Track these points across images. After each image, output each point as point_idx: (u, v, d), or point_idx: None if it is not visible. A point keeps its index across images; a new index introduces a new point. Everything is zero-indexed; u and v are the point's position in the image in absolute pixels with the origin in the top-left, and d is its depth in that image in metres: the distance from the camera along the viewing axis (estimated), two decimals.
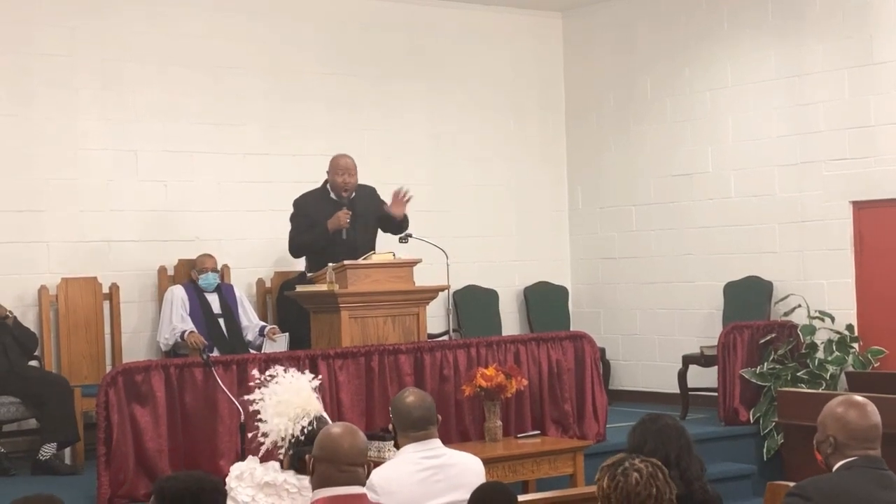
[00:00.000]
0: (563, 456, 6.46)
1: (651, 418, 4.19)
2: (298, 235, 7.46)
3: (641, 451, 3.91)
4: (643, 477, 3.45)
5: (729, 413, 8.00)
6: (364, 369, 6.52)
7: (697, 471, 4.11)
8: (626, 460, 3.53)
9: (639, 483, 3.44)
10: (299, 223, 7.48)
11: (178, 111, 8.35)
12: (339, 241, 7.35)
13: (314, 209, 7.43)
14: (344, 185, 7.44)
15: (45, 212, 7.84)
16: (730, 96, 9.00)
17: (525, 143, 9.96)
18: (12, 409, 7.04)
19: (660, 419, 4.16)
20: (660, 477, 3.49)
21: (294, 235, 7.50)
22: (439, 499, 4.38)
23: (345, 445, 3.56)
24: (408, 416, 4.50)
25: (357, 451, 3.58)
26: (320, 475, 3.55)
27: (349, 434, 3.61)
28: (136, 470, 5.91)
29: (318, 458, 3.57)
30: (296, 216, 7.52)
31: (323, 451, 3.57)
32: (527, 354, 7.13)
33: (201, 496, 3.42)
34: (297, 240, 7.47)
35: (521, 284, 9.83)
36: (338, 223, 7.34)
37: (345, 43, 9.07)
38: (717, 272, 9.00)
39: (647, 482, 3.45)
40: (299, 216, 7.48)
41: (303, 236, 7.43)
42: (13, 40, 7.76)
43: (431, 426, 4.52)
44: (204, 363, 6.08)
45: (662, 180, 9.46)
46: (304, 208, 7.47)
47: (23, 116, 7.79)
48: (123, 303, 8.00)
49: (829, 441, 3.55)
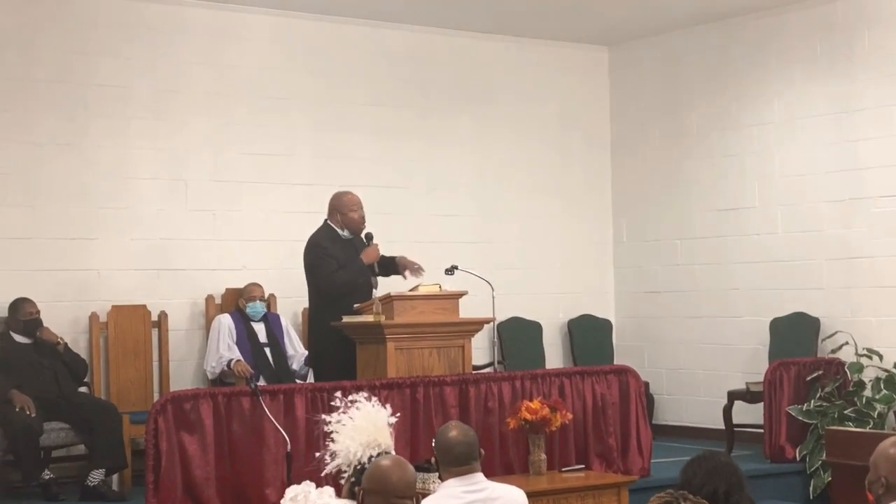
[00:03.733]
0: (607, 491, 6.45)
1: (706, 455, 4.17)
2: (334, 274, 7.13)
3: (690, 486, 3.90)
4: None
5: (775, 450, 7.94)
6: (409, 400, 6.54)
7: None
8: (672, 501, 3.51)
9: None
10: (328, 263, 7.15)
11: (228, 141, 8.46)
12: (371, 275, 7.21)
13: (335, 250, 7.20)
14: (361, 219, 7.27)
15: (96, 240, 7.95)
16: (778, 132, 8.98)
17: (570, 176, 9.99)
18: (62, 435, 7.10)
19: (714, 456, 4.15)
20: None
21: (329, 274, 7.14)
22: None
23: (394, 478, 3.58)
24: (450, 450, 4.51)
25: (406, 483, 3.60)
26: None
27: (399, 467, 3.63)
28: (184, 497, 5.94)
29: (368, 490, 3.59)
30: (323, 257, 7.19)
31: (372, 484, 3.59)
32: (571, 388, 7.12)
33: None
34: (335, 277, 7.12)
35: (564, 317, 9.83)
36: (374, 256, 7.20)
37: (392, 75, 9.16)
38: (763, 308, 8.96)
39: None
40: (327, 257, 7.18)
41: (342, 274, 7.12)
42: (68, 70, 7.90)
43: (474, 461, 4.53)
44: (252, 392, 6.13)
45: (708, 215, 9.44)
46: (328, 249, 7.20)
47: (77, 145, 7.92)
48: (171, 330, 8.08)
49: (881, 482, 3.53)
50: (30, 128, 7.71)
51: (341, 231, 7.30)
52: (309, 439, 6.11)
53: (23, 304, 7.26)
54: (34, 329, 7.26)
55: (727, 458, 4.17)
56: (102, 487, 6.95)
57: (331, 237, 7.29)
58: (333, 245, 7.25)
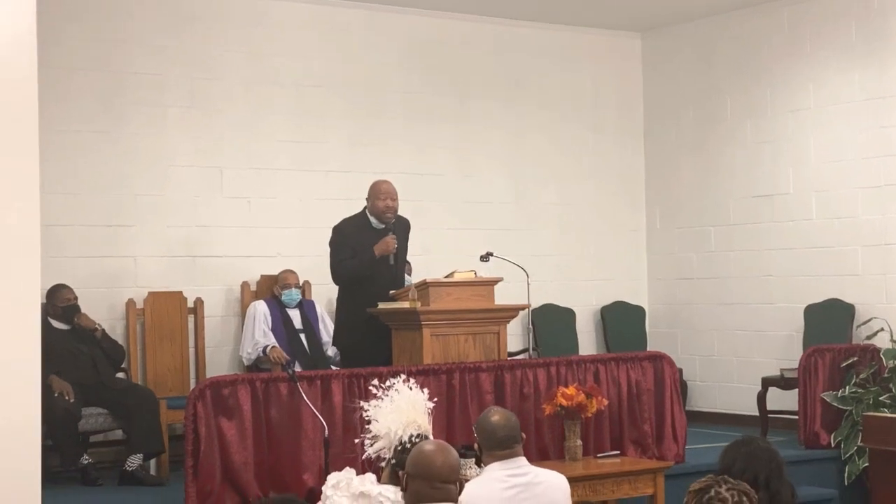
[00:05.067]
0: (643, 477, 6.44)
1: (744, 440, 4.18)
2: (343, 262, 7.11)
3: (730, 471, 3.91)
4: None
5: (810, 436, 7.93)
6: (445, 387, 6.55)
7: (787, 496, 4.09)
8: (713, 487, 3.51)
9: None
10: (341, 250, 7.14)
11: (262, 129, 8.50)
12: (385, 267, 7.13)
13: (355, 237, 7.15)
14: (387, 209, 7.15)
15: (133, 227, 8.01)
16: (812, 117, 8.94)
17: (603, 163, 9.98)
18: (100, 421, 7.18)
19: (752, 441, 4.16)
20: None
21: (337, 262, 7.14)
22: None
23: (437, 463, 3.61)
24: (493, 434, 4.55)
25: (449, 468, 3.63)
26: (414, 492, 3.60)
27: (442, 452, 3.66)
28: (223, 482, 5.98)
29: (412, 474, 3.62)
30: (337, 243, 7.18)
31: (416, 468, 3.62)
32: (606, 374, 7.13)
33: None
34: (342, 266, 7.11)
35: (598, 304, 9.84)
36: (386, 248, 7.09)
37: (427, 62, 9.17)
38: (797, 294, 8.93)
39: None
40: (341, 243, 7.16)
41: (348, 263, 7.10)
42: (106, 59, 7.96)
43: (517, 444, 4.57)
44: (289, 378, 6.16)
45: (742, 201, 9.41)
46: (346, 236, 7.17)
47: (114, 133, 7.98)
48: (207, 317, 8.14)
49: None
50: (67, 116, 7.76)
51: (373, 220, 7.22)
52: (346, 425, 6.17)
53: (60, 290, 7.32)
54: (72, 315, 7.32)
55: (767, 444, 4.18)
56: (140, 472, 7.02)
57: (359, 225, 7.21)
58: (358, 233, 7.15)
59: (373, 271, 7.06)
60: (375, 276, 7.09)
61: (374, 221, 7.20)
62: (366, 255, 7.06)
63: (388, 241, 7.10)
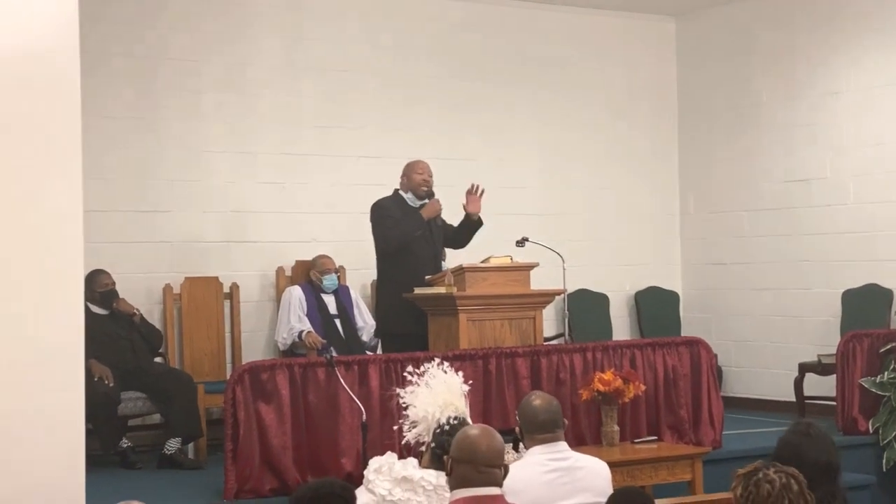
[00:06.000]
0: (681, 462, 6.42)
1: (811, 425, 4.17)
2: (391, 228, 7.24)
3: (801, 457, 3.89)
4: (775, 489, 3.45)
5: (847, 422, 7.88)
6: (482, 372, 6.55)
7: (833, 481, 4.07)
8: (761, 470, 3.52)
9: (770, 495, 3.44)
10: (385, 220, 7.28)
11: (296, 114, 8.51)
12: (426, 236, 7.27)
13: (396, 211, 7.31)
14: (424, 182, 7.33)
15: (169, 212, 8.05)
16: (850, 101, 8.87)
17: (637, 148, 9.94)
18: (139, 405, 7.24)
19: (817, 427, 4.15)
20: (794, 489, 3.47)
21: (386, 229, 7.25)
22: (564, 501, 4.42)
23: (483, 447, 3.62)
24: (534, 418, 4.56)
25: (494, 452, 3.63)
26: (458, 476, 3.60)
27: (486, 436, 3.66)
28: (261, 466, 6.01)
29: (457, 459, 3.62)
30: (380, 215, 7.32)
31: (461, 453, 3.62)
32: (642, 359, 7.10)
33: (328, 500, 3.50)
34: (391, 232, 7.23)
35: (631, 289, 9.81)
36: (434, 210, 7.28)
37: (459, 47, 9.16)
38: (834, 280, 8.88)
39: (778, 494, 3.45)
40: (384, 215, 7.30)
41: (398, 227, 7.22)
42: (141, 45, 7.99)
43: (558, 429, 4.58)
44: (327, 363, 6.18)
45: (777, 186, 9.35)
46: (387, 208, 7.32)
47: (149, 119, 8.02)
48: (243, 302, 8.18)
49: None
50: (103, 102, 7.78)
51: (408, 198, 7.35)
52: (383, 409, 6.18)
53: (98, 275, 7.37)
54: (110, 300, 7.37)
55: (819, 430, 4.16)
56: (179, 456, 7.06)
57: (396, 202, 7.36)
58: (396, 208, 7.32)
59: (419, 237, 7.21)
60: (417, 253, 7.21)
61: (410, 198, 7.34)
62: (414, 218, 7.23)
63: (434, 204, 7.29)
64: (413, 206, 7.33)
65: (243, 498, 5.94)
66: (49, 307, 4.35)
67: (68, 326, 4.41)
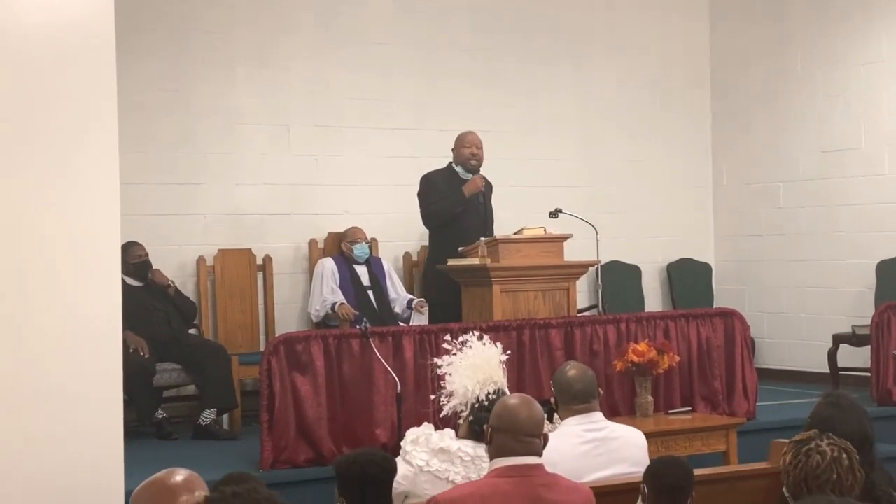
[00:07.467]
0: (716, 433, 6.41)
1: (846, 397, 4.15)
2: (433, 204, 7.48)
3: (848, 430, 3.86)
4: (825, 461, 3.42)
5: (882, 394, 7.83)
6: (515, 343, 6.54)
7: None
8: (814, 440, 3.48)
9: (819, 466, 3.41)
10: (430, 195, 7.51)
11: (330, 86, 8.50)
12: (475, 205, 7.45)
13: (443, 185, 7.49)
14: (472, 156, 7.50)
15: (203, 184, 8.07)
16: (886, 70, 8.76)
17: (670, 118, 9.87)
18: (174, 376, 7.29)
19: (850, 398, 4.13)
20: (844, 463, 3.43)
21: (429, 204, 7.50)
22: (600, 472, 4.42)
23: (522, 416, 3.62)
24: (569, 388, 4.56)
25: (534, 422, 3.63)
26: (498, 445, 3.61)
27: (526, 405, 3.67)
28: (297, 436, 6.05)
29: (496, 428, 3.63)
30: (428, 190, 7.54)
31: (501, 422, 3.63)
32: (676, 331, 7.08)
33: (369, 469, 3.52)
34: (432, 207, 7.48)
35: (664, 260, 9.77)
36: (474, 187, 7.42)
37: (493, 19, 9.11)
38: (869, 250, 8.80)
39: (828, 466, 3.41)
40: (430, 190, 7.52)
41: (439, 203, 7.45)
42: (174, 17, 7.99)
43: (593, 399, 4.58)
44: (361, 334, 6.20)
45: (812, 156, 9.27)
46: (434, 182, 7.53)
47: (182, 91, 8.03)
48: (276, 274, 8.20)
49: None
50: (136, 75, 7.76)
51: (459, 171, 7.53)
52: (418, 381, 6.20)
53: (132, 247, 7.40)
54: (145, 271, 7.41)
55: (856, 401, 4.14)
56: (214, 427, 7.11)
57: (446, 175, 7.56)
58: (446, 181, 7.49)
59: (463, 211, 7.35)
60: (463, 218, 7.34)
61: (461, 171, 7.52)
62: (455, 194, 7.38)
63: (475, 180, 7.44)
64: (464, 180, 7.50)
65: (279, 468, 5.98)
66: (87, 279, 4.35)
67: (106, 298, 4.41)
